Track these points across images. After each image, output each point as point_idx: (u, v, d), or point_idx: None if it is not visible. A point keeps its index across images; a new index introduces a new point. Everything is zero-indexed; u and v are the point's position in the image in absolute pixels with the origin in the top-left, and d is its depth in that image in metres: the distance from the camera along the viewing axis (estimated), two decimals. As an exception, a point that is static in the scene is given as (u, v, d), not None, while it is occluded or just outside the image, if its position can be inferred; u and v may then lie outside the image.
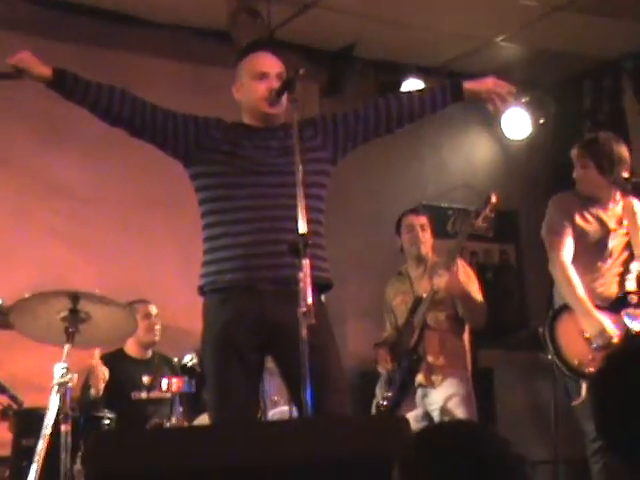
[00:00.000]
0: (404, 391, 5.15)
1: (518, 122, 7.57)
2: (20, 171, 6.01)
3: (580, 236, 4.59)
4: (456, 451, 1.72)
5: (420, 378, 5.18)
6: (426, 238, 5.36)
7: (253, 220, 3.51)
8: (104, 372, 5.18)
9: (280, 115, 3.66)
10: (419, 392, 5.22)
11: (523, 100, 7.54)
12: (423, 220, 5.40)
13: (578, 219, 4.61)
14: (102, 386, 5.17)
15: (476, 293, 5.30)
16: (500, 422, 6.43)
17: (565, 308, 4.54)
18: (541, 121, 7.66)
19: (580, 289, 4.48)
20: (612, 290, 4.59)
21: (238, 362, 3.49)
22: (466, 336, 5.34)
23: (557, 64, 7.38)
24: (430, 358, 5.17)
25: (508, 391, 6.68)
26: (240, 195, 3.56)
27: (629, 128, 7.17)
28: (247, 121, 3.71)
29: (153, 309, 5.69)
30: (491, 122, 7.62)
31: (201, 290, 3.66)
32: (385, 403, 5.14)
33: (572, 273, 4.50)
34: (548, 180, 7.80)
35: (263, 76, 3.63)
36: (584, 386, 4.36)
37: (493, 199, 5.15)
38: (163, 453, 2.44)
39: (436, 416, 5.19)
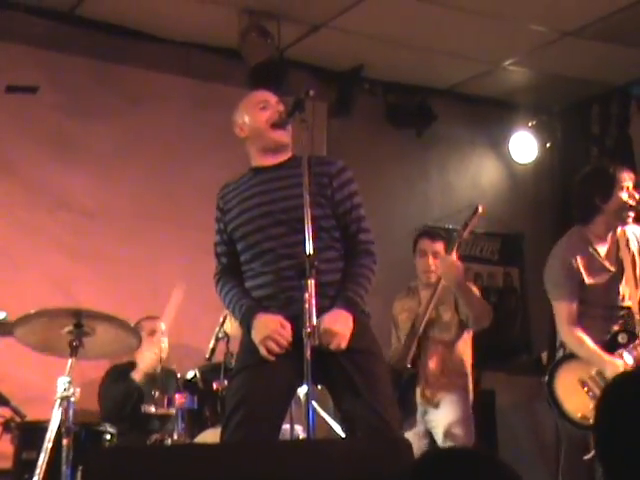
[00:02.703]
0: (403, 407, 5.14)
1: (525, 145, 7.60)
2: (28, 184, 6.02)
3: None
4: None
5: (420, 396, 5.18)
6: (437, 265, 5.31)
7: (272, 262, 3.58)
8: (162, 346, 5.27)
9: (288, 144, 3.69)
10: (420, 409, 5.21)
11: (530, 124, 7.57)
12: (438, 247, 5.36)
13: None
14: (159, 360, 5.27)
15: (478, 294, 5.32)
16: (501, 444, 6.42)
17: (559, 363, 4.48)
18: (548, 145, 7.69)
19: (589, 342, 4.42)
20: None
21: (272, 372, 3.50)
22: (468, 357, 5.33)
23: (565, 89, 7.41)
24: (430, 376, 5.17)
25: (509, 414, 6.68)
26: (256, 240, 3.61)
27: (635, 155, 7.18)
28: (255, 162, 3.73)
29: (160, 325, 5.69)
30: (498, 145, 7.65)
31: None
32: None
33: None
34: (554, 204, 7.82)
35: (265, 104, 3.69)
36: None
37: (480, 209, 5.19)
38: (162, 473, 2.43)
39: (436, 434, 5.18)
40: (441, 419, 5.16)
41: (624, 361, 4.30)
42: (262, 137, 3.68)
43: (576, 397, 4.31)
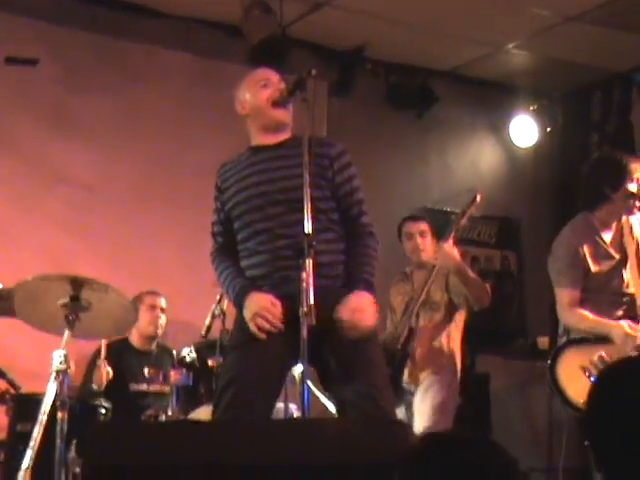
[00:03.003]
0: (394, 388, 5.16)
1: (525, 130, 7.59)
2: (27, 158, 6.01)
3: None
4: (458, 466, 1.73)
5: (407, 376, 5.19)
6: (426, 244, 5.38)
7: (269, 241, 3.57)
8: (109, 371, 5.21)
9: (288, 124, 3.68)
10: (406, 389, 5.22)
11: (531, 108, 7.56)
12: (422, 226, 5.43)
13: None
14: (104, 382, 5.19)
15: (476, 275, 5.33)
16: (495, 428, 6.44)
17: (560, 349, 4.50)
18: (548, 130, 7.68)
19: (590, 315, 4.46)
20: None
21: (263, 351, 3.49)
22: (457, 339, 5.34)
23: (567, 74, 7.40)
24: (418, 356, 5.18)
25: (504, 397, 6.69)
26: (252, 219, 3.60)
27: (636, 143, 7.18)
28: (254, 141, 3.72)
29: (161, 301, 5.70)
30: (498, 128, 7.64)
31: None
32: None
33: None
34: (552, 189, 7.83)
35: (267, 82, 3.67)
36: None
37: (478, 198, 5.22)
38: (160, 447, 2.45)
39: (415, 414, 5.17)
40: (422, 400, 5.16)
41: (628, 323, 4.35)
42: (262, 115, 3.66)
43: (578, 383, 4.33)
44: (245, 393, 3.44)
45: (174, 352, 5.33)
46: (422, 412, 5.12)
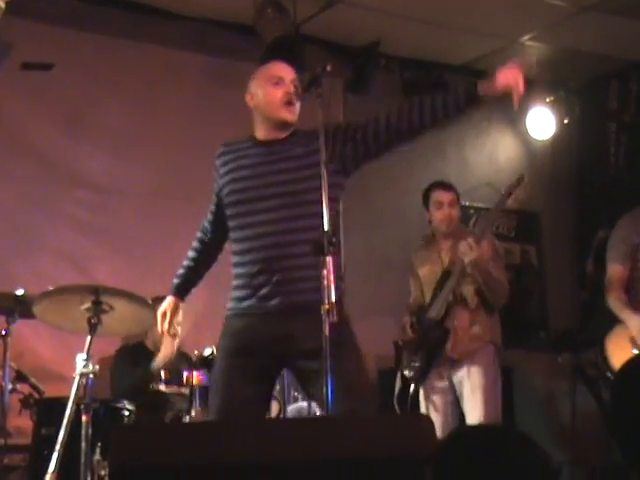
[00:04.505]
0: (431, 363, 5.16)
1: (542, 122, 7.57)
2: (44, 162, 6.05)
3: None
4: (490, 459, 1.72)
5: (449, 350, 5.15)
6: (454, 215, 5.36)
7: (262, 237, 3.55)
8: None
9: (294, 123, 3.66)
10: (447, 364, 5.20)
11: (548, 100, 7.53)
12: (452, 196, 5.39)
13: None
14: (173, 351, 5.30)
15: (500, 271, 5.30)
16: (518, 421, 6.43)
17: (614, 326, 4.58)
18: (565, 121, 7.65)
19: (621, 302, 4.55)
20: None
21: (244, 366, 3.50)
22: (497, 319, 5.32)
23: (583, 64, 7.38)
24: (459, 332, 5.15)
25: (526, 391, 6.68)
26: (254, 222, 3.58)
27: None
28: (259, 133, 3.70)
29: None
30: (515, 121, 7.62)
31: None
32: (412, 374, 5.15)
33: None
34: (571, 181, 7.80)
35: (279, 80, 3.64)
36: None
37: (525, 179, 5.22)
38: (186, 448, 2.45)
39: (463, 392, 5.16)
40: (468, 379, 5.14)
41: None
42: (269, 113, 3.65)
43: (624, 353, 4.39)
44: (230, 403, 3.48)
45: (195, 352, 5.34)
46: (473, 406, 5.09)
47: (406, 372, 5.21)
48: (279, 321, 3.47)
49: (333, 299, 3.12)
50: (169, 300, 3.87)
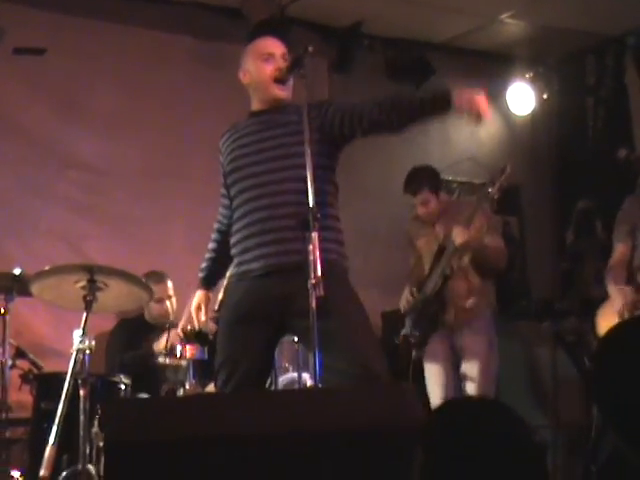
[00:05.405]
0: (429, 332, 5.29)
1: (522, 97, 7.67)
2: (37, 144, 6.12)
3: None
4: (477, 432, 1.80)
5: (448, 320, 5.27)
6: (433, 208, 5.39)
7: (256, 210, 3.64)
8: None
9: (287, 99, 3.74)
10: (446, 331, 5.31)
11: (527, 76, 7.64)
12: (424, 196, 5.40)
13: None
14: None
15: (497, 239, 5.37)
16: (501, 389, 6.56)
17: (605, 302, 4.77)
18: (545, 96, 7.76)
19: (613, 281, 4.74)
20: None
21: (248, 329, 3.60)
22: (492, 284, 5.44)
23: (561, 40, 7.44)
24: (458, 302, 5.26)
25: (509, 359, 6.79)
26: (247, 186, 3.69)
27: (631, 104, 7.26)
28: (254, 107, 3.80)
29: (167, 290, 5.72)
30: (496, 97, 7.70)
31: None
32: (412, 341, 5.29)
33: None
34: (551, 155, 7.91)
35: (269, 57, 3.71)
36: None
37: (508, 169, 5.29)
38: (177, 422, 2.47)
39: (462, 359, 5.29)
40: (466, 347, 5.28)
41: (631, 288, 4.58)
42: (262, 89, 3.73)
43: (610, 322, 4.55)
44: (236, 373, 3.59)
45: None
46: (470, 375, 5.23)
47: (408, 334, 5.34)
48: (275, 282, 3.54)
49: (319, 273, 3.19)
50: (199, 294, 3.96)
